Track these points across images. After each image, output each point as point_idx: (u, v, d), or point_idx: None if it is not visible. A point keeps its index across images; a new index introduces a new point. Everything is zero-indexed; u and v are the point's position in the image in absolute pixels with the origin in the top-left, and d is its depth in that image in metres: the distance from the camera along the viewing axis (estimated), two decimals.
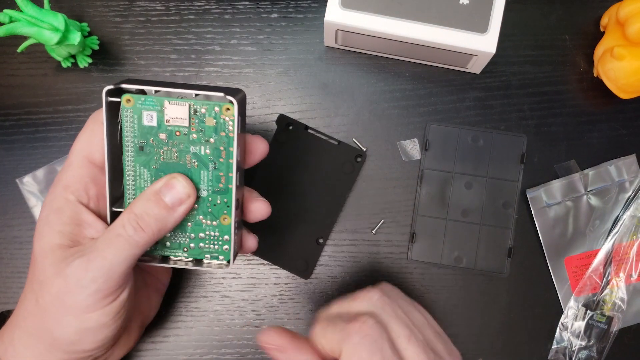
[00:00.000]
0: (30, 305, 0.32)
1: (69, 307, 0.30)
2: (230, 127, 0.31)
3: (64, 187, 0.32)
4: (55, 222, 0.31)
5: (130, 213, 0.30)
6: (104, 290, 0.30)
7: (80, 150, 0.33)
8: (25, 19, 0.38)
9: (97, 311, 0.30)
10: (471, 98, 0.44)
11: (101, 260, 0.29)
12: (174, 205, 0.31)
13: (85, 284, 0.29)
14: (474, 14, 0.39)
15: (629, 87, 0.41)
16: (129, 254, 0.30)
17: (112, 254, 0.30)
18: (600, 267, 0.43)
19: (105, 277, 0.30)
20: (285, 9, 0.45)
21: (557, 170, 0.44)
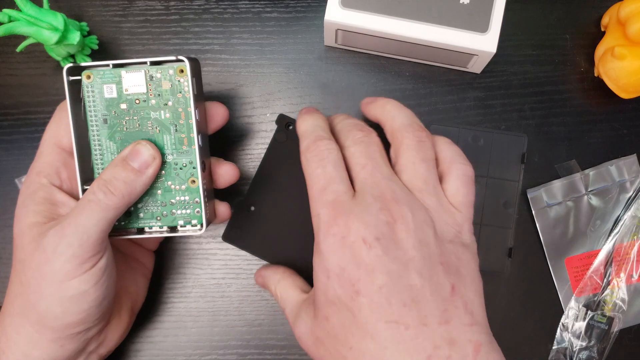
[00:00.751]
0: (15, 287, 0.32)
1: (48, 277, 0.30)
2: (185, 87, 0.33)
3: (37, 173, 0.34)
4: (30, 203, 0.33)
5: (100, 179, 0.32)
6: (80, 256, 0.30)
7: (49, 139, 0.34)
8: (25, 18, 0.38)
9: (75, 278, 0.31)
10: (471, 98, 0.44)
11: (75, 226, 0.30)
12: (141, 168, 0.32)
13: (61, 251, 0.30)
14: (475, 13, 0.39)
15: (630, 87, 0.41)
16: (101, 217, 0.31)
17: (85, 219, 0.30)
18: (601, 268, 0.43)
19: (80, 242, 0.30)
20: (285, 8, 0.45)
21: (557, 170, 0.44)
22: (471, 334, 0.28)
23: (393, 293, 0.27)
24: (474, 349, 0.27)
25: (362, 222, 0.28)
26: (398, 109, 0.34)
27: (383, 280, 0.27)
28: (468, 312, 0.28)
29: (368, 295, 0.27)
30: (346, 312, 0.28)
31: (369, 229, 0.28)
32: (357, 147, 0.31)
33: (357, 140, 0.32)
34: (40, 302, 0.31)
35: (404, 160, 0.31)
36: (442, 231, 0.30)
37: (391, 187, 0.29)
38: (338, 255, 0.28)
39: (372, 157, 0.31)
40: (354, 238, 0.28)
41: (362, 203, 0.29)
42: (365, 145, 0.31)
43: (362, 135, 0.32)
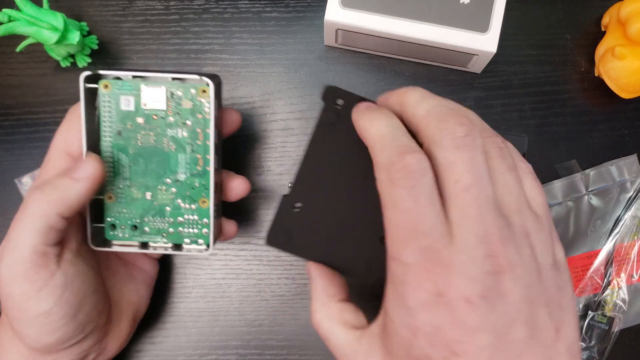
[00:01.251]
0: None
1: (7, 299, 0.30)
2: (206, 108, 0.32)
3: (43, 181, 0.32)
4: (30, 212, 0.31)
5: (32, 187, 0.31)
6: (23, 274, 0.29)
7: (58, 144, 0.33)
8: (24, 18, 0.38)
9: (31, 299, 0.29)
10: (472, 98, 0.44)
11: (7, 244, 0.29)
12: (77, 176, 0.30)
13: (4, 273, 0.29)
14: (475, 13, 0.39)
15: (630, 87, 0.41)
16: (33, 232, 0.29)
17: (16, 235, 0.29)
18: (601, 268, 0.43)
19: (16, 260, 0.29)
20: (285, 8, 0.45)
21: (558, 170, 0.44)
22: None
23: (498, 352, 0.23)
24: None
25: (465, 277, 0.22)
26: (428, 95, 0.27)
27: (488, 341, 0.22)
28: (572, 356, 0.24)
29: (468, 356, 0.23)
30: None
31: (473, 286, 0.22)
32: (458, 154, 0.24)
33: (459, 144, 0.24)
34: (13, 324, 0.30)
35: (492, 171, 0.25)
36: (542, 258, 0.25)
37: (497, 221, 0.23)
38: (432, 314, 0.23)
39: (478, 173, 0.24)
40: (454, 297, 0.23)
41: (465, 251, 0.23)
42: (471, 151, 0.24)
43: (465, 134, 0.24)
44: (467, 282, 0.22)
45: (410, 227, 0.23)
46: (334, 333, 0.29)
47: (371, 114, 0.27)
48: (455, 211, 0.23)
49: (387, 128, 0.26)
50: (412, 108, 0.26)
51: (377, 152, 0.25)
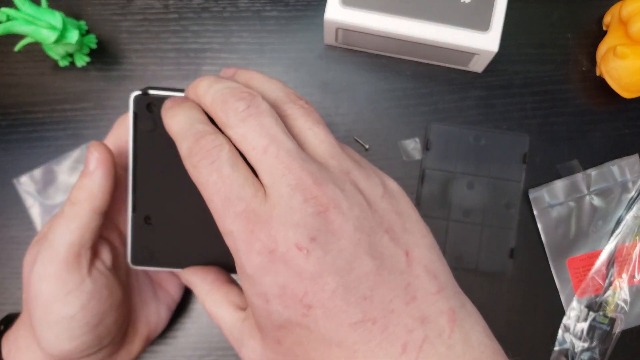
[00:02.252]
0: (24, 304, 0.32)
1: (34, 299, 0.30)
2: None
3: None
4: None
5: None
6: (55, 275, 0.29)
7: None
8: (23, 17, 0.38)
9: (59, 301, 0.30)
10: (473, 97, 0.44)
11: (44, 242, 0.30)
12: (90, 170, 0.30)
13: (37, 271, 0.30)
14: (476, 12, 0.39)
15: (632, 86, 0.41)
16: (68, 230, 0.30)
17: (52, 235, 0.30)
18: (602, 268, 0.43)
19: (50, 259, 0.29)
20: (284, 7, 0.45)
21: (559, 170, 0.44)
22: (441, 303, 0.24)
23: (349, 291, 0.22)
24: (449, 319, 0.23)
25: (288, 226, 0.22)
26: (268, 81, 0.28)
27: (335, 282, 0.22)
28: (431, 276, 0.24)
29: (322, 304, 0.22)
30: (300, 330, 0.23)
31: (299, 231, 0.22)
32: (246, 126, 0.24)
33: (243, 116, 0.24)
34: (35, 326, 0.30)
35: (299, 129, 0.26)
36: (370, 190, 0.25)
37: (308, 167, 0.23)
38: (271, 274, 0.23)
39: (271, 134, 0.24)
40: (284, 248, 0.22)
41: (280, 201, 0.23)
42: (256, 118, 0.24)
43: (246, 106, 0.24)
44: (292, 229, 0.22)
45: (222, 198, 0.24)
46: (223, 317, 0.29)
47: (172, 110, 0.27)
48: (263, 174, 0.24)
49: (185, 119, 0.26)
50: (202, 98, 0.26)
51: (179, 145, 0.26)
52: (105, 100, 0.44)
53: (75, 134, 0.44)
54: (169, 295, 0.38)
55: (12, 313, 0.37)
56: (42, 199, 0.43)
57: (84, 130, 0.44)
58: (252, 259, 0.23)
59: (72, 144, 0.43)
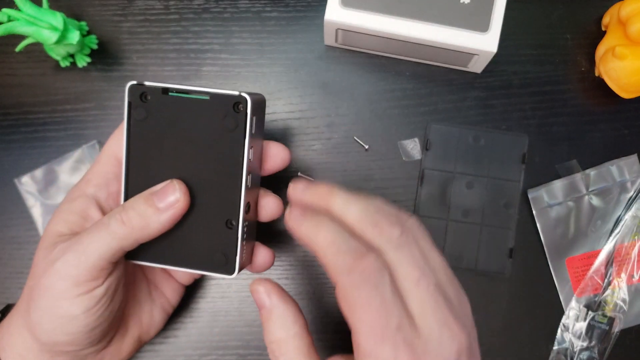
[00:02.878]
0: (25, 291, 0.32)
1: (44, 290, 0.30)
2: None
3: (86, 180, 0.33)
4: (65, 210, 0.32)
5: (120, 206, 0.31)
6: (76, 277, 0.30)
7: (108, 149, 0.34)
8: (24, 18, 0.38)
9: (67, 299, 0.30)
10: (472, 97, 0.44)
11: (78, 245, 0.30)
12: (162, 208, 0.30)
13: (58, 267, 0.30)
14: (475, 13, 0.39)
15: (631, 87, 0.41)
16: (106, 243, 0.30)
17: (89, 241, 0.30)
18: (601, 268, 0.43)
19: (78, 263, 0.30)
20: (285, 7, 0.45)
21: (558, 170, 0.44)
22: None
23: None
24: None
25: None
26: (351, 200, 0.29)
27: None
28: None
29: None
30: None
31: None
32: (401, 254, 0.26)
33: (398, 243, 0.26)
34: (35, 312, 0.31)
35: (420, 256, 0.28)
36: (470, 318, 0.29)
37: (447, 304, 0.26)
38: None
39: (420, 266, 0.26)
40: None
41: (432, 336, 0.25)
42: (410, 247, 0.26)
43: (400, 234, 0.26)
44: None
45: (383, 324, 0.25)
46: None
47: (312, 222, 0.28)
48: (414, 305, 0.26)
49: (335, 234, 0.27)
50: (341, 213, 0.28)
51: (332, 259, 0.26)
52: (106, 100, 0.44)
53: (76, 134, 0.44)
54: (164, 297, 0.38)
55: (12, 303, 0.37)
56: (43, 199, 0.43)
57: (84, 131, 0.44)
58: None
59: (73, 144, 0.44)
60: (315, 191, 0.29)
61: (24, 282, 0.33)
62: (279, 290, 0.30)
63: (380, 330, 0.25)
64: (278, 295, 0.30)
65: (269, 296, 0.30)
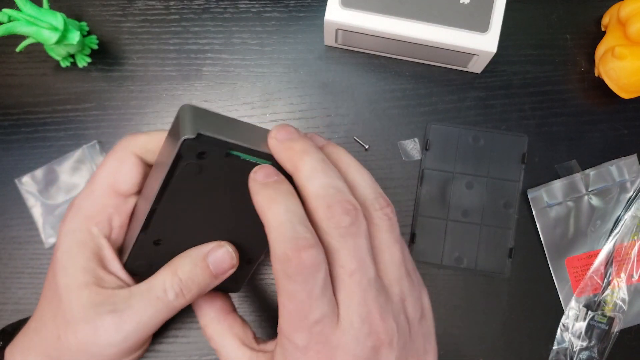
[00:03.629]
0: (49, 337, 0.31)
1: (92, 355, 0.30)
2: None
3: (87, 217, 0.31)
4: (79, 257, 0.30)
5: (174, 276, 0.30)
6: (132, 348, 0.30)
7: (104, 178, 0.31)
8: (24, 18, 0.38)
9: (123, 358, 0.31)
10: (472, 98, 0.44)
11: (136, 323, 0.29)
12: (218, 274, 0.31)
13: (115, 343, 0.29)
14: (475, 13, 0.39)
15: (630, 87, 0.41)
16: (164, 317, 0.30)
17: (148, 317, 0.30)
18: (601, 268, 0.43)
19: (138, 337, 0.30)
20: (285, 8, 0.45)
21: (558, 170, 0.44)
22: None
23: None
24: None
25: (349, 357, 0.25)
26: (359, 172, 0.29)
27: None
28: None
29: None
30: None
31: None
32: (342, 243, 0.26)
33: (344, 233, 0.26)
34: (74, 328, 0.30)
35: (379, 244, 0.27)
36: (413, 315, 0.28)
37: (378, 300, 0.26)
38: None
39: (361, 257, 0.26)
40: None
41: (350, 331, 0.25)
42: (354, 238, 0.26)
43: (350, 223, 0.26)
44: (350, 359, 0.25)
45: (302, 315, 0.25)
46: (225, 347, 0.31)
47: (269, 192, 0.26)
48: (342, 294, 0.26)
49: (285, 215, 0.26)
50: (304, 180, 0.26)
51: (274, 242, 0.26)
52: (107, 100, 0.44)
53: (77, 134, 0.44)
54: None
55: (7, 327, 0.37)
56: (43, 199, 0.43)
57: (85, 131, 0.44)
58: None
59: (74, 144, 0.44)
60: (291, 146, 0.27)
61: (24, 282, 0.33)
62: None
63: (298, 321, 0.25)
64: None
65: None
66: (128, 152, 0.31)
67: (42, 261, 0.43)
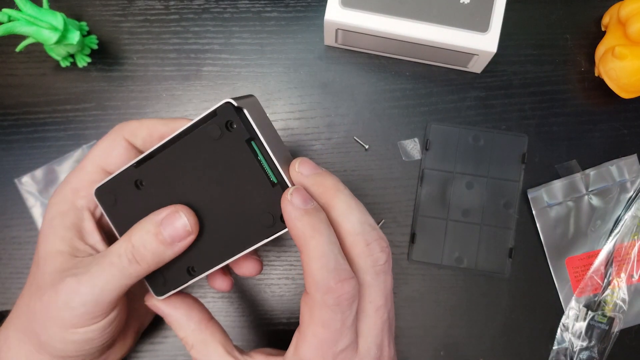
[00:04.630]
0: (23, 306, 0.32)
1: (55, 319, 0.30)
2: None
3: (74, 190, 0.32)
4: (59, 226, 0.31)
5: (128, 242, 0.30)
6: (92, 313, 0.30)
7: (95, 157, 0.32)
8: (24, 18, 0.38)
9: (83, 327, 0.30)
10: (472, 98, 0.44)
11: (91, 287, 0.29)
12: (173, 241, 0.29)
13: (73, 306, 0.29)
14: (475, 13, 0.39)
15: (631, 87, 0.41)
16: (120, 283, 0.30)
17: (104, 282, 0.29)
18: (601, 268, 0.43)
19: (94, 303, 0.29)
20: (285, 8, 0.45)
21: (558, 170, 0.44)
22: None
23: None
24: None
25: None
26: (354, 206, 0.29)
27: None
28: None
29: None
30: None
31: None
32: (376, 279, 0.28)
33: (378, 270, 0.28)
34: (43, 334, 0.30)
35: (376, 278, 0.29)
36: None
37: (390, 331, 0.30)
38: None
39: (387, 295, 0.29)
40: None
41: (367, 358, 0.28)
42: (386, 276, 0.29)
43: (384, 262, 0.28)
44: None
45: (332, 343, 0.27)
46: (209, 355, 0.31)
47: (312, 221, 0.27)
48: (364, 326, 0.28)
49: (329, 246, 0.27)
50: (341, 219, 0.28)
51: (316, 271, 0.26)
52: (107, 100, 0.44)
53: (77, 134, 0.44)
54: None
55: (2, 311, 0.37)
56: (43, 199, 0.43)
57: (85, 131, 0.44)
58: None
59: (73, 144, 0.44)
60: (322, 182, 0.29)
61: (24, 282, 0.33)
62: (169, 299, 0.33)
63: (327, 348, 0.27)
64: (166, 304, 0.33)
65: (161, 307, 0.33)
66: (119, 136, 0.32)
67: None
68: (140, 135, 0.33)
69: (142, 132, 0.33)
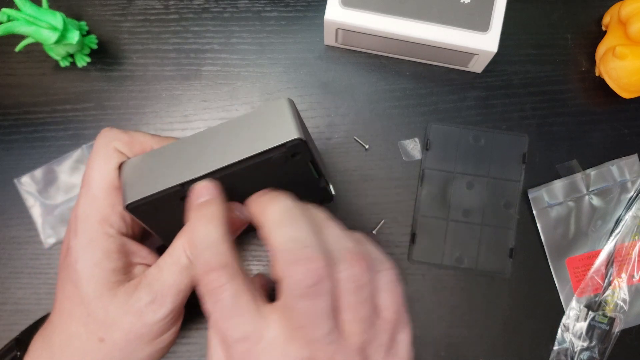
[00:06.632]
0: (89, 344, 0.30)
1: (143, 337, 0.30)
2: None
3: (100, 222, 0.31)
4: (102, 260, 0.30)
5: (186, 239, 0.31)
6: (174, 313, 0.31)
7: (100, 179, 0.31)
8: (24, 17, 0.38)
9: (167, 332, 0.31)
10: (472, 97, 0.44)
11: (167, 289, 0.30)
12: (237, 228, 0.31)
13: (157, 315, 0.30)
14: (475, 12, 0.39)
15: (631, 87, 0.41)
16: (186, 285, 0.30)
17: (173, 280, 0.30)
18: (602, 268, 0.43)
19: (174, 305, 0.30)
20: (285, 7, 0.45)
21: (558, 170, 0.44)
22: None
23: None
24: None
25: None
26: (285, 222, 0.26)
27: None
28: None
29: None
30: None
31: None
32: (301, 304, 0.24)
33: (303, 294, 0.24)
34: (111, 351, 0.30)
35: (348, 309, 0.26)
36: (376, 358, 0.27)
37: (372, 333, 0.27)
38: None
39: (366, 305, 0.26)
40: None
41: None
42: (313, 299, 0.24)
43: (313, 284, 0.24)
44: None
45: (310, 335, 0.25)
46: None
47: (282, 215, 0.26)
48: (345, 328, 0.25)
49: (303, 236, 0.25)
50: (268, 231, 0.26)
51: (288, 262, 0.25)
52: (106, 100, 0.44)
53: (76, 134, 0.44)
54: None
55: (21, 335, 0.36)
56: (42, 199, 0.43)
57: (84, 131, 0.44)
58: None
59: (73, 144, 0.44)
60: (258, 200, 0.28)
61: (24, 282, 0.33)
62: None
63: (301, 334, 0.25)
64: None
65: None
66: (111, 150, 0.31)
67: (42, 261, 0.43)
68: (133, 150, 0.32)
69: (135, 148, 0.32)
